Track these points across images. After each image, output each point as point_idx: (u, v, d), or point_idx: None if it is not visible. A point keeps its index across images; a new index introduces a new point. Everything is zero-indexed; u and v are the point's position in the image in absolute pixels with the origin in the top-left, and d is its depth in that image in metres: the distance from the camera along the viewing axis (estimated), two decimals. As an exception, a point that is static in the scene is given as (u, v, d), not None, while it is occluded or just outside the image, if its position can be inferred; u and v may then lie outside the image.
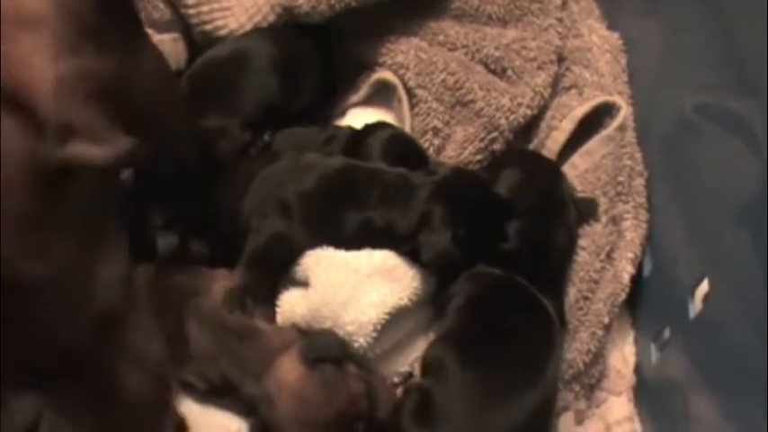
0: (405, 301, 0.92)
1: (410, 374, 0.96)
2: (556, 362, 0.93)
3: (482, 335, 0.93)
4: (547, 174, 1.05)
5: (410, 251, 0.95)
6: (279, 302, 0.96)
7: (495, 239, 0.97)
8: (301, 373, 0.87)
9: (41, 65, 0.65)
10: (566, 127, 1.10)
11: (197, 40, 1.15)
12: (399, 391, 0.93)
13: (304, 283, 0.95)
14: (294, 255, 0.96)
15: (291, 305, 0.94)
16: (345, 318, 0.90)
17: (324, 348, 0.89)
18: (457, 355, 0.89)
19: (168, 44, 1.13)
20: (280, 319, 0.95)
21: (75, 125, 0.67)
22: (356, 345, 0.90)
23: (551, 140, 1.11)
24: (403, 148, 1.06)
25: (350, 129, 1.10)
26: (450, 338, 0.92)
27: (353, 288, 0.91)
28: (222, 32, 1.12)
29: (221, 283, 0.96)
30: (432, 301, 0.97)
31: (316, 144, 1.06)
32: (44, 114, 0.65)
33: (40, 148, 0.64)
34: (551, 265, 1.00)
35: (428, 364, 0.91)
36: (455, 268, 0.95)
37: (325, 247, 0.96)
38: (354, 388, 0.88)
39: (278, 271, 0.97)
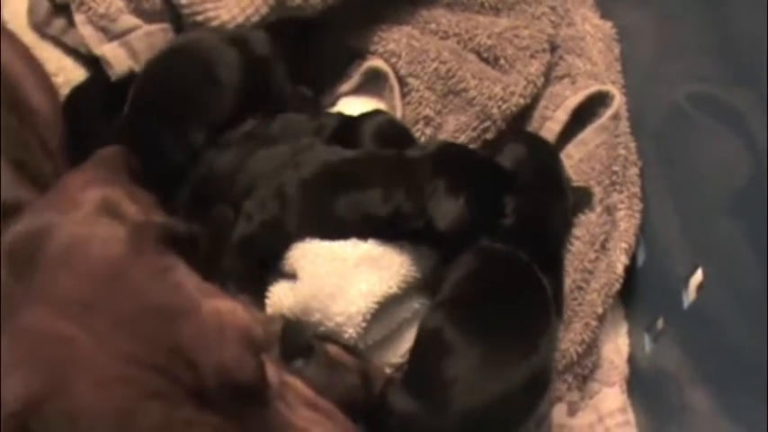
0: (394, 290, 0.92)
1: (402, 365, 0.95)
2: (550, 340, 0.92)
3: (478, 306, 0.92)
4: (547, 155, 1.05)
5: (421, 228, 0.93)
6: (268, 295, 0.95)
7: (497, 208, 0.97)
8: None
9: None
10: (559, 117, 1.10)
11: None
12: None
13: (293, 276, 0.94)
14: (285, 243, 0.95)
15: (280, 297, 0.93)
16: (334, 309, 0.89)
17: (291, 342, 0.89)
18: (453, 325, 0.88)
19: (157, 35, 1.11)
20: (269, 311, 0.94)
21: None
22: (346, 336, 0.89)
23: (545, 131, 1.10)
24: (395, 134, 1.05)
25: (340, 115, 1.09)
26: (447, 308, 0.91)
27: (341, 278, 0.91)
28: (214, 24, 1.09)
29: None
30: (431, 275, 0.96)
31: (307, 132, 1.05)
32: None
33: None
34: (549, 244, 1.00)
35: (424, 334, 0.90)
36: (466, 238, 0.95)
37: (309, 240, 0.95)
38: (349, 380, 0.88)
39: (267, 259, 0.96)
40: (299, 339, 0.89)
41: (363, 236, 0.94)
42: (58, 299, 0.67)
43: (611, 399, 1.01)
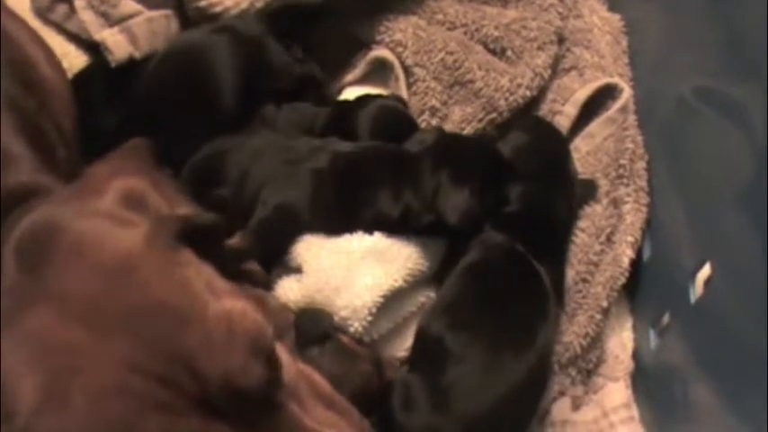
0: (399, 283, 0.91)
1: (408, 359, 0.95)
2: (547, 334, 0.92)
3: (477, 308, 0.92)
4: (554, 143, 1.05)
5: (429, 223, 0.94)
6: (275, 289, 0.94)
7: (499, 193, 0.97)
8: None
9: None
10: (569, 112, 1.10)
11: (191, 16, 1.12)
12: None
13: (298, 271, 0.94)
14: (300, 230, 0.95)
15: (285, 291, 0.93)
16: (339, 302, 0.89)
17: (306, 331, 0.88)
18: (453, 334, 0.88)
19: (159, 21, 1.10)
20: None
21: None
22: (351, 330, 0.89)
23: (555, 125, 1.10)
24: (391, 121, 1.04)
25: (334, 102, 1.09)
26: (447, 315, 0.91)
27: (347, 271, 0.90)
28: (217, 9, 1.09)
29: None
30: (440, 270, 0.96)
31: (306, 120, 1.06)
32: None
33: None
34: (553, 232, 1.00)
35: (426, 339, 0.91)
36: (473, 227, 0.96)
37: (319, 231, 0.95)
38: (364, 368, 0.87)
39: (281, 245, 0.96)
40: (315, 327, 0.88)
41: (371, 230, 0.94)
42: (65, 296, 0.65)
43: (615, 394, 1.00)
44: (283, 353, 0.71)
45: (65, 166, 0.92)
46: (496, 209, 0.97)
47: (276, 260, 0.97)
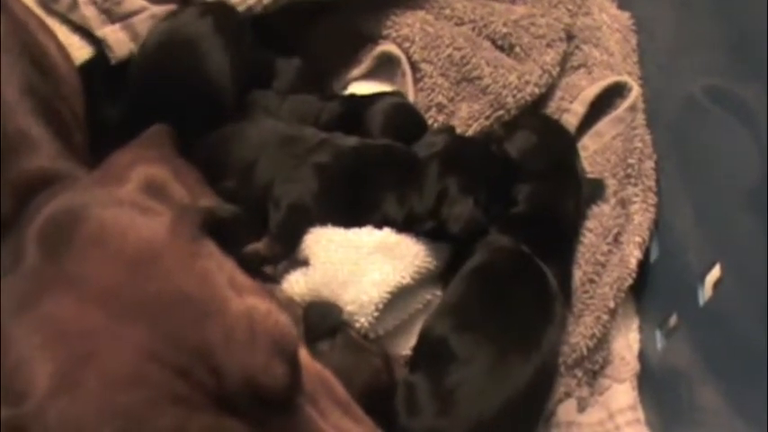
0: (407, 280, 0.91)
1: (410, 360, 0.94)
2: (553, 336, 0.92)
3: (482, 309, 0.91)
4: (561, 142, 1.05)
5: (432, 228, 0.94)
6: (281, 283, 0.94)
7: (505, 197, 0.98)
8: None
9: None
10: (577, 110, 1.10)
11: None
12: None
13: (305, 263, 0.93)
14: (311, 223, 0.95)
15: (291, 284, 0.92)
16: (346, 297, 0.88)
17: (314, 324, 0.87)
18: (457, 335, 0.88)
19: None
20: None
21: None
22: (357, 325, 0.88)
23: (563, 123, 1.10)
24: (403, 122, 1.04)
25: (343, 98, 1.09)
26: (452, 315, 0.90)
27: (354, 266, 0.90)
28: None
29: None
30: (445, 272, 0.96)
31: (316, 113, 1.05)
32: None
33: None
34: (560, 233, 0.99)
35: (430, 339, 0.90)
36: (477, 234, 0.96)
37: (326, 226, 0.94)
38: (374, 363, 0.87)
39: (299, 239, 0.95)
40: (324, 321, 0.87)
41: (379, 227, 0.94)
42: (85, 282, 0.65)
43: (621, 395, 1.00)
44: (304, 355, 0.70)
45: (82, 152, 0.91)
46: (503, 210, 0.97)
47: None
